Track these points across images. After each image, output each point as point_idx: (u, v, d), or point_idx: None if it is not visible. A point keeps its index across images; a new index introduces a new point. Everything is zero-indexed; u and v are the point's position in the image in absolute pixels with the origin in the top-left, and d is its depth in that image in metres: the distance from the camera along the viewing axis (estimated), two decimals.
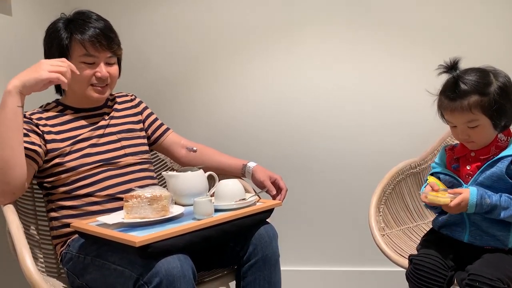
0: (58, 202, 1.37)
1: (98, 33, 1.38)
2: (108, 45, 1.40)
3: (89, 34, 1.37)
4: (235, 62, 2.13)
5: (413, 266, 1.30)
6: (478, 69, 1.29)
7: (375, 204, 1.59)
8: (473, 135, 1.29)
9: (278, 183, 1.55)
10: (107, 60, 1.43)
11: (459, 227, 1.33)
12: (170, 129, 1.67)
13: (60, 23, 1.41)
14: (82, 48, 1.37)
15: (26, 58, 1.80)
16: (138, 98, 1.65)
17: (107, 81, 1.43)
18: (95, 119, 1.48)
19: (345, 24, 2.03)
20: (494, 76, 1.27)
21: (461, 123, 1.29)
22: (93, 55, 1.39)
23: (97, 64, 1.41)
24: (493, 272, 1.15)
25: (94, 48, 1.38)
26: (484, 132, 1.28)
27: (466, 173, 1.32)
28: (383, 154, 2.04)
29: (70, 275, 1.31)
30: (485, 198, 1.22)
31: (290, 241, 2.14)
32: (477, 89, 1.24)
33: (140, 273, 1.11)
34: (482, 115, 1.25)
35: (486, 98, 1.24)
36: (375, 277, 2.10)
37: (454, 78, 1.28)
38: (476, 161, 1.31)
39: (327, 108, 2.07)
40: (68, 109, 1.46)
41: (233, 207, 1.31)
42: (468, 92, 1.25)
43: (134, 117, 1.58)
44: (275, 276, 1.34)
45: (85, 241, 1.27)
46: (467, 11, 1.94)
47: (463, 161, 1.35)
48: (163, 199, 1.22)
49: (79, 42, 1.37)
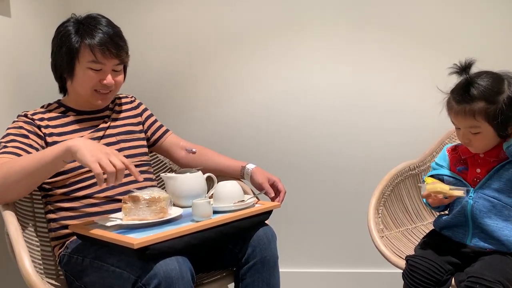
0: (57, 204, 1.37)
1: (108, 41, 1.38)
2: (117, 53, 1.40)
3: (99, 41, 1.37)
4: (233, 62, 2.12)
5: (408, 266, 1.30)
6: (494, 74, 1.25)
7: (374, 206, 1.59)
8: (473, 141, 1.27)
9: (277, 185, 1.55)
10: (114, 68, 1.42)
11: (462, 229, 1.32)
12: (170, 130, 1.67)
13: (70, 26, 1.40)
14: (91, 54, 1.37)
15: (25, 59, 1.81)
16: (138, 99, 1.66)
17: (112, 87, 1.44)
18: (96, 122, 1.48)
19: (344, 24, 2.02)
20: (508, 84, 1.23)
21: (463, 127, 1.27)
22: (101, 62, 1.38)
23: (104, 71, 1.40)
24: (493, 275, 1.15)
25: (103, 56, 1.38)
26: (485, 139, 1.26)
27: (475, 176, 1.30)
28: (382, 156, 2.03)
29: (68, 277, 1.31)
30: None
31: (289, 243, 2.14)
32: (485, 96, 1.21)
33: (138, 275, 1.10)
34: (485, 123, 1.23)
35: (493, 106, 1.21)
36: (374, 278, 2.10)
37: (466, 80, 1.24)
38: (486, 163, 1.30)
39: (326, 109, 2.07)
40: (70, 111, 1.46)
41: (232, 209, 1.31)
42: (475, 97, 1.22)
43: (134, 119, 1.58)
44: (273, 278, 1.34)
45: (84, 243, 1.27)
46: (469, 11, 1.93)
47: (472, 163, 1.33)
48: (161, 201, 1.22)
49: (89, 48, 1.37)
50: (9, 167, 1.22)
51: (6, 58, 1.68)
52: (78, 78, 1.39)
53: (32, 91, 1.82)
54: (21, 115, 1.41)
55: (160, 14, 2.14)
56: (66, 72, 1.40)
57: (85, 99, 1.44)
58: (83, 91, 1.41)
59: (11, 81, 1.70)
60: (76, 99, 1.46)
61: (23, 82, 1.78)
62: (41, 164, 1.20)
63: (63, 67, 1.40)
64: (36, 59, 1.88)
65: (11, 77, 1.70)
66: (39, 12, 1.93)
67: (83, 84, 1.39)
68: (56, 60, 1.41)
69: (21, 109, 1.47)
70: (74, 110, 1.47)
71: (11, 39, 1.72)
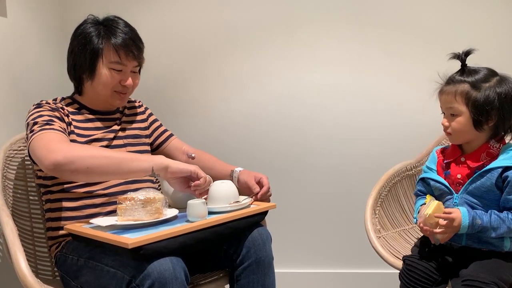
0: (57, 203, 1.37)
1: (131, 43, 1.41)
2: (138, 55, 1.43)
3: (123, 42, 1.39)
4: (230, 62, 2.13)
5: (405, 266, 1.30)
6: (491, 70, 1.30)
7: (371, 206, 1.59)
8: (452, 125, 1.29)
9: (262, 181, 1.51)
10: (133, 69, 1.45)
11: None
12: (174, 135, 1.68)
13: (91, 28, 1.41)
14: (116, 55, 1.39)
15: (22, 59, 1.81)
16: (144, 104, 1.68)
17: (130, 89, 1.46)
18: (108, 123, 1.49)
19: (342, 23, 2.03)
20: (499, 80, 1.26)
21: (444, 107, 1.31)
22: (123, 64, 1.41)
23: (124, 72, 1.43)
24: (488, 276, 1.15)
25: (126, 57, 1.40)
26: (462, 125, 1.28)
27: (457, 181, 1.31)
28: (378, 156, 2.03)
29: (64, 278, 1.31)
30: (476, 219, 1.21)
31: (285, 243, 2.14)
32: (471, 80, 1.26)
33: (132, 275, 1.10)
34: (464, 106, 1.26)
35: (475, 92, 1.25)
36: (371, 279, 2.10)
37: (462, 67, 1.30)
38: (466, 169, 1.31)
39: (323, 109, 2.07)
40: (84, 109, 1.47)
41: (227, 209, 1.30)
42: (462, 80, 1.27)
43: (141, 123, 1.60)
44: (268, 279, 1.33)
45: (79, 243, 1.27)
46: (468, 12, 1.93)
47: (453, 168, 1.34)
48: (156, 202, 1.22)
49: (114, 49, 1.39)
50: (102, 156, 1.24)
51: (2, 58, 1.68)
52: (100, 78, 1.40)
53: (28, 91, 1.82)
54: (43, 103, 1.39)
55: (156, 15, 2.15)
56: (87, 73, 1.41)
57: (104, 99, 1.45)
58: (103, 91, 1.42)
59: (7, 81, 1.71)
60: (92, 99, 1.47)
61: (19, 82, 1.78)
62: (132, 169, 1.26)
63: (84, 67, 1.41)
64: (32, 59, 1.88)
65: (7, 77, 1.71)
66: (35, 12, 1.93)
67: (105, 84, 1.41)
68: (76, 60, 1.42)
69: (17, 109, 1.47)
70: (87, 108, 1.48)
71: (7, 39, 1.72)
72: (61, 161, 1.18)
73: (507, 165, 1.23)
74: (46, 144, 1.23)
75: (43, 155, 1.20)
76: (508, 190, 1.22)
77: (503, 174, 1.23)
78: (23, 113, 1.50)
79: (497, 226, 1.21)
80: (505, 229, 1.21)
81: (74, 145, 1.29)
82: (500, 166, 1.23)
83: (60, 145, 1.22)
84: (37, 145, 1.24)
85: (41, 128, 1.28)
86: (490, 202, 1.25)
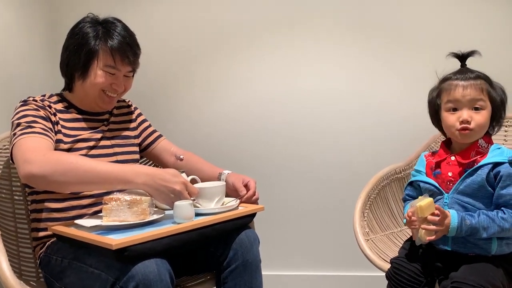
0: (43, 204, 1.35)
1: (128, 48, 1.40)
2: (134, 60, 1.42)
3: (119, 46, 1.38)
4: (218, 65, 2.12)
5: (392, 269, 1.30)
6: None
7: (359, 209, 1.59)
8: (475, 119, 1.26)
9: (249, 184, 1.49)
10: (126, 74, 1.44)
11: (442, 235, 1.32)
12: (162, 136, 1.66)
13: (88, 28, 1.40)
14: (111, 59, 1.38)
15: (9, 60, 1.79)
16: (134, 104, 1.66)
17: (119, 92, 1.45)
18: (95, 124, 1.47)
19: (332, 25, 2.03)
20: (494, 85, 1.32)
21: (468, 101, 1.27)
22: (117, 68, 1.40)
23: (117, 76, 1.41)
24: (476, 279, 1.14)
25: (121, 62, 1.39)
26: (484, 120, 1.28)
27: (448, 179, 1.31)
28: (368, 159, 2.03)
29: (48, 279, 1.30)
30: (465, 219, 1.20)
31: (273, 245, 2.13)
32: (487, 79, 1.30)
33: (116, 277, 1.09)
34: (488, 102, 1.28)
35: (493, 91, 1.29)
36: (359, 281, 2.09)
37: (462, 67, 1.33)
38: (457, 167, 1.30)
39: (313, 111, 2.07)
40: (72, 108, 1.46)
41: (214, 211, 1.29)
42: (480, 76, 1.29)
43: (130, 124, 1.58)
44: (256, 281, 1.32)
45: (63, 244, 1.25)
46: (462, 17, 1.93)
47: (444, 166, 1.34)
48: (142, 203, 1.21)
49: (110, 52, 1.37)
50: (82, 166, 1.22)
51: None
52: (92, 79, 1.38)
53: (18, 91, 1.80)
54: (30, 100, 1.37)
55: (146, 15, 2.14)
56: (80, 72, 1.39)
57: (91, 100, 1.43)
58: (92, 91, 1.41)
59: None
60: (81, 99, 1.45)
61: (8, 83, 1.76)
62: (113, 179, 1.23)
63: (77, 66, 1.39)
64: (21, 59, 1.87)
65: None
66: (23, 13, 1.92)
67: (96, 85, 1.39)
68: (70, 58, 1.40)
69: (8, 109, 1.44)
70: (76, 107, 1.46)
71: None
72: (36, 174, 1.18)
73: (497, 161, 1.24)
74: (23, 153, 1.22)
75: (19, 165, 1.22)
76: (501, 185, 1.22)
77: (494, 169, 1.23)
78: (8, 112, 1.48)
79: (487, 225, 1.20)
80: (496, 229, 1.20)
81: (50, 157, 1.22)
82: (490, 162, 1.24)
83: (36, 156, 1.20)
84: (15, 152, 1.25)
85: (22, 132, 1.27)
86: (482, 200, 1.25)
